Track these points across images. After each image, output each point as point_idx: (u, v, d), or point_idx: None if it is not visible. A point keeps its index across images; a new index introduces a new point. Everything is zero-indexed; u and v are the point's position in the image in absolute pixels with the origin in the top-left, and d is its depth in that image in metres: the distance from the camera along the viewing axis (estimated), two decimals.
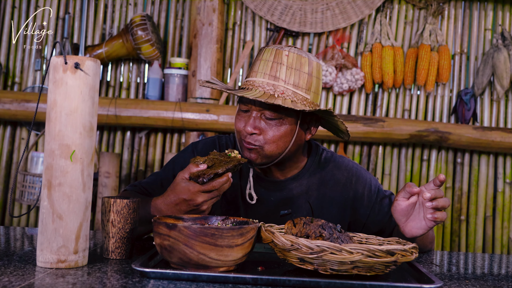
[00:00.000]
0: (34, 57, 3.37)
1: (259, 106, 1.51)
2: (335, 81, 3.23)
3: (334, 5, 3.29)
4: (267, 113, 1.51)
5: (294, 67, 1.50)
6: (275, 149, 1.54)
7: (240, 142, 1.57)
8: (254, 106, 1.52)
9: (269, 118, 1.52)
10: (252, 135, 1.53)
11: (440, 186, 1.36)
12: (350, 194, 1.69)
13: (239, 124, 1.57)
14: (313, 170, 1.69)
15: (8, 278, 1.07)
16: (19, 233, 1.65)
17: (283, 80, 1.50)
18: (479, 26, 3.40)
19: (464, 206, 3.34)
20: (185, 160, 1.71)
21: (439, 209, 1.37)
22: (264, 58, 1.53)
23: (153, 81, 3.23)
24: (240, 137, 1.57)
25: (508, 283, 1.31)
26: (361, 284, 1.11)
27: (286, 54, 1.51)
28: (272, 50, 1.53)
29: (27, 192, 2.97)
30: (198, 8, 3.22)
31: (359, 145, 3.35)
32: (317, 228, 1.24)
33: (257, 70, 1.53)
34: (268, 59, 1.52)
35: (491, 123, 3.35)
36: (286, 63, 1.50)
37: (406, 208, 1.42)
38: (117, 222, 1.30)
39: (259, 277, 1.12)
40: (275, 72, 1.50)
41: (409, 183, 1.41)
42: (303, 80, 1.51)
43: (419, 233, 1.41)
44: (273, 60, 1.51)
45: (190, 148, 1.76)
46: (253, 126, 1.52)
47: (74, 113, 1.17)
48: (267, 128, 1.53)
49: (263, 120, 1.53)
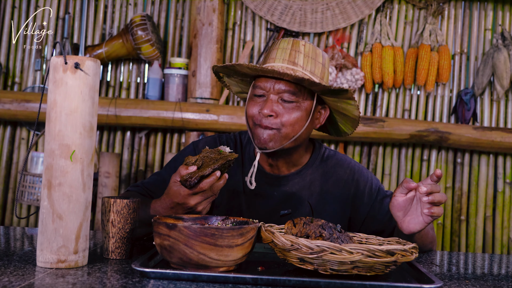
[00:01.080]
0: (34, 57, 3.37)
1: (278, 88, 1.53)
2: (335, 81, 3.23)
3: (334, 5, 3.29)
4: (286, 95, 1.54)
5: (310, 56, 1.55)
6: (290, 131, 1.55)
7: (253, 127, 1.58)
8: (273, 89, 1.54)
9: (287, 101, 1.54)
10: (269, 117, 1.54)
11: (437, 181, 1.37)
12: (351, 191, 1.70)
13: (253, 109, 1.57)
14: (316, 166, 1.70)
15: (8, 278, 1.07)
16: (19, 233, 1.65)
17: (301, 66, 1.54)
18: (479, 26, 3.40)
19: (464, 206, 3.34)
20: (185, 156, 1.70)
21: (435, 204, 1.37)
22: (281, 46, 1.56)
23: (153, 81, 3.23)
24: (254, 122, 1.57)
25: (508, 283, 1.31)
26: (361, 284, 1.11)
27: (303, 44, 1.56)
28: (289, 40, 1.58)
29: (27, 192, 2.97)
30: (198, 8, 3.22)
31: (359, 145, 3.35)
32: (317, 228, 1.24)
33: (274, 56, 1.56)
34: (286, 47, 1.56)
35: (491, 123, 3.35)
36: (304, 51, 1.55)
37: (404, 204, 1.42)
38: (117, 222, 1.30)
39: (259, 277, 1.12)
40: (293, 58, 1.54)
41: (407, 179, 1.42)
42: (318, 69, 1.56)
43: (416, 228, 1.41)
44: (291, 48, 1.55)
45: (191, 146, 1.77)
46: (270, 108, 1.53)
47: (74, 113, 1.17)
48: (284, 112, 1.54)
49: (280, 103, 1.55)
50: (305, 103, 1.56)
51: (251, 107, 1.58)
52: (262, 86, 1.56)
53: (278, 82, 1.54)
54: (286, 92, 1.53)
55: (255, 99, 1.58)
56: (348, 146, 3.34)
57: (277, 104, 1.54)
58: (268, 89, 1.55)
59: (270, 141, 1.55)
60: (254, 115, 1.57)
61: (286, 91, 1.53)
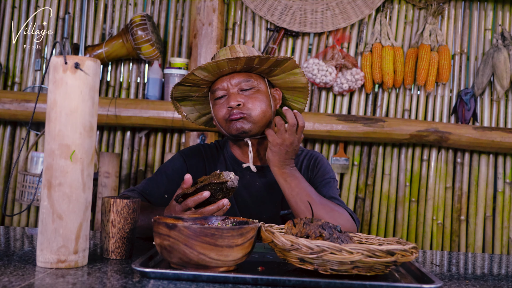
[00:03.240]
0: (34, 57, 3.36)
1: (234, 80, 1.69)
2: (335, 81, 3.23)
3: (334, 5, 3.29)
4: (243, 84, 1.70)
5: (248, 52, 1.72)
6: (260, 113, 1.69)
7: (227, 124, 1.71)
8: (230, 85, 1.70)
9: (246, 88, 1.71)
10: (237, 107, 1.67)
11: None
12: (312, 175, 1.83)
13: (221, 109, 1.72)
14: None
15: (8, 278, 1.07)
16: (19, 233, 1.65)
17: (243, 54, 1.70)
18: (479, 26, 3.40)
19: (464, 206, 3.34)
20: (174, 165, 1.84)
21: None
22: (221, 54, 1.73)
23: (153, 81, 3.23)
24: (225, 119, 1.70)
25: (508, 283, 1.31)
26: (361, 284, 1.11)
27: (239, 46, 1.74)
28: (226, 47, 1.75)
29: (27, 192, 2.97)
30: (198, 8, 3.22)
31: (359, 145, 3.35)
32: (317, 228, 1.25)
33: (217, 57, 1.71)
34: (225, 52, 1.72)
35: (491, 123, 3.35)
36: (241, 50, 1.73)
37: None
38: (117, 222, 1.30)
39: (259, 277, 1.12)
40: (234, 54, 1.70)
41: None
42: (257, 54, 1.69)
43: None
44: (230, 51, 1.72)
45: (177, 155, 1.89)
46: (235, 99, 1.68)
47: (74, 113, 1.17)
48: (248, 99, 1.70)
49: (241, 94, 1.70)
50: (261, 86, 1.73)
51: (218, 110, 1.73)
52: (220, 86, 1.71)
53: (232, 77, 1.71)
54: (242, 82, 1.70)
55: (218, 102, 1.73)
56: (348, 146, 3.34)
57: (239, 95, 1.69)
58: (227, 87, 1.71)
59: (246, 125, 1.68)
60: (223, 115, 1.71)
61: (242, 81, 1.70)
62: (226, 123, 1.71)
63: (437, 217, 3.32)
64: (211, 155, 1.87)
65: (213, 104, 1.75)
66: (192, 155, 1.87)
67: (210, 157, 1.86)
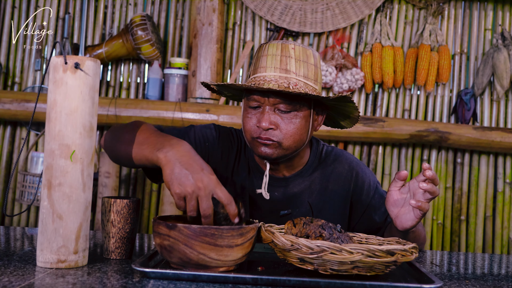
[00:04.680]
0: (34, 57, 3.37)
1: (273, 99, 1.47)
2: (335, 81, 3.23)
3: (334, 5, 3.29)
4: (282, 106, 1.48)
5: (301, 59, 1.50)
6: (292, 143, 1.51)
7: (252, 141, 1.53)
8: (268, 100, 1.48)
9: (284, 111, 1.49)
10: (268, 130, 1.49)
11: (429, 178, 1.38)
12: (351, 187, 1.69)
13: (250, 122, 1.52)
14: (315, 164, 1.70)
15: (8, 278, 1.07)
16: (19, 233, 1.65)
17: (294, 72, 1.48)
18: (479, 26, 3.40)
19: (464, 206, 3.34)
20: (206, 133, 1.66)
21: (430, 194, 1.38)
22: (270, 53, 1.51)
23: (153, 81, 3.23)
24: (252, 135, 1.52)
25: (508, 283, 1.31)
26: (361, 284, 1.11)
27: (292, 48, 1.50)
28: (277, 44, 1.52)
29: (27, 192, 2.97)
30: (198, 8, 3.22)
31: (359, 145, 3.35)
32: (317, 228, 1.24)
33: (265, 65, 1.50)
34: (275, 54, 1.50)
35: (491, 123, 3.35)
36: (294, 55, 1.49)
37: (398, 198, 1.44)
38: (117, 222, 1.30)
39: (259, 277, 1.12)
40: (285, 65, 1.49)
41: (398, 172, 1.44)
42: (311, 71, 1.51)
43: (408, 224, 1.42)
44: (280, 54, 1.49)
45: (212, 127, 1.70)
46: (268, 121, 1.48)
47: (74, 113, 1.17)
48: (283, 122, 1.49)
49: (277, 114, 1.49)
50: (303, 109, 1.51)
51: (248, 120, 1.53)
52: (257, 98, 1.50)
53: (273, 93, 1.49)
54: (281, 103, 1.48)
55: (250, 111, 1.53)
56: (348, 146, 3.34)
57: (275, 115, 1.49)
58: (263, 101, 1.49)
59: (272, 154, 1.52)
60: (250, 128, 1.52)
61: (281, 102, 1.48)
62: (251, 139, 1.52)
63: (437, 217, 3.32)
64: (239, 147, 1.70)
65: (244, 108, 1.56)
66: (226, 138, 1.68)
67: (238, 149, 1.69)
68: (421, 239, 1.63)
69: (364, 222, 1.70)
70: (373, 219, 1.68)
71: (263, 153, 1.51)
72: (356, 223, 1.70)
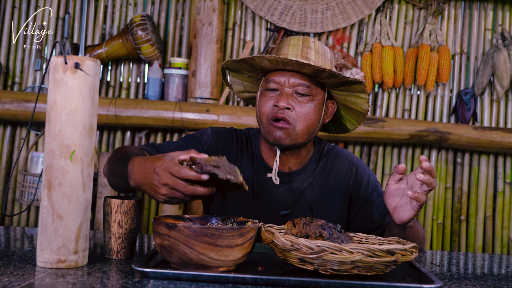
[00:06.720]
0: (34, 57, 3.37)
1: (293, 81, 1.54)
2: None
3: (334, 5, 3.29)
4: (300, 88, 1.55)
5: (320, 52, 1.58)
6: (304, 127, 1.57)
7: (268, 125, 1.57)
8: (288, 83, 1.55)
9: (302, 94, 1.55)
10: (285, 110, 1.54)
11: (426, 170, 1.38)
12: (350, 183, 1.72)
13: (267, 104, 1.57)
14: (317, 161, 1.73)
15: (8, 278, 1.07)
16: (19, 233, 1.65)
17: (313, 61, 1.55)
18: (479, 26, 3.40)
19: (464, 206, 3.34)
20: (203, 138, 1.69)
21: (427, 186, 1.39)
22: (292, 43, 1.58)
23: (153, 81, 3.23)
24: (268, 117, 1.57)
25: (508, 283, 1.31)
26: (361, 284, 1.11)
27: (313, 41, 1.59)
28: (299, 37, 1.61)
29: (27, 192, 2.97)
30: (198, 8, 3.22)
31: (359, 145, 3.35)
32: (317, 228, 1.24)
33: (287, 52, 1.57)
34: (297, 44, 1.58)
35: (491, 123, 3.35)
36: (314, 47, 1.57)
37: (396, 191, 1.45)
38: (124, 223, 1.30)
39: (259, 277, 1.12)
40: (306, 54, 1.56)
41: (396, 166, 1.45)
42: (327, 65, 1.58)
43: (406, 217, 1.43)
44: (302, 45, 1.57)
45: (209, 130, 1.73)
46: (286, 101, 1.53)
47: (74, 113, 1.17)
48: (299, 105, 1.55)
49: (294, 97, 1.56)
50: (318, 96, 1.58)
51: (265, 102, 1.58)
52: (277, 80, 1.56)
53: (293, 75, 1.55)
54: (301, 86, 1.55)
55: (268, 93, 1.59)
56: (348, 146, 3.34)
57: (292, 98, 1.55)
58: (283, 83, 1.56)
59: (285, 139, 1.56)
60: (267, 110, 1.57)
61: (301, 84, 1.55)
62: (267, 121, 1.57)
63: (437, 217, 3.32)
64: (241, 145, 1.73)
65: (262, 92, 1.61)
66: (224, 138, 1.72)
67: (240, 147, 1.72)
68: (420, 237, 1.63)
69: (362, 218, 1.71)
70: (371, 215, 1.70)
71: (277, 138, 1.56)
72: (354, 217, 1.72)
